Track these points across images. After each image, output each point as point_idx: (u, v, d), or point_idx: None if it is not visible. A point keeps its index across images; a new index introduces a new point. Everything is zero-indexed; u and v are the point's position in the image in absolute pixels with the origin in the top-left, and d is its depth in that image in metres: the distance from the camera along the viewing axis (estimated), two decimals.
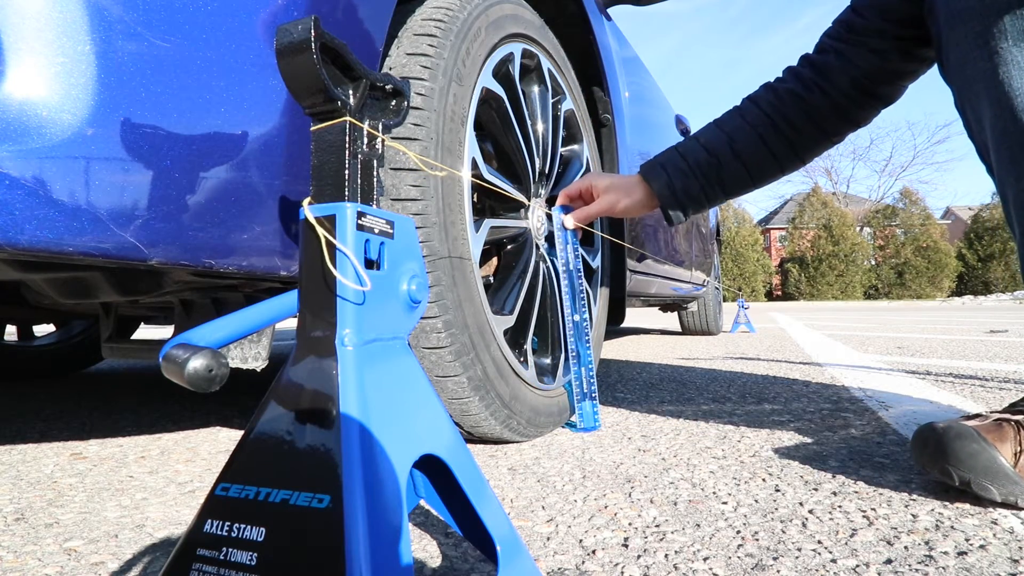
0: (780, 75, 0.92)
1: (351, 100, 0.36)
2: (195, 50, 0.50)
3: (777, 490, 0.72)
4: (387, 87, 0.39)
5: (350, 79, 0.36)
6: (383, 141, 0.38)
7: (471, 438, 0.94)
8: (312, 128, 0.36)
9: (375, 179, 0.37)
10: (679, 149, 0.94)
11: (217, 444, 1.01)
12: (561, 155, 1.21)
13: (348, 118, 0.35)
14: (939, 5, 0.71)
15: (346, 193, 0.35)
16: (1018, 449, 0.63)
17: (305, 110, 0.36)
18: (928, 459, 0.67)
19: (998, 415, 0.68)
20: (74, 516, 0.67)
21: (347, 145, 0.35)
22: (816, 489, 0.72)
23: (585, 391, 1.05)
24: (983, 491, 0.62)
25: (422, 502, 0.46)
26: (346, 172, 0.35)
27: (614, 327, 1.19)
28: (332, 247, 0.33)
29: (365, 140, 0.37)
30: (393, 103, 0.40)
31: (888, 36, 0.82)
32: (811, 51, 0.90)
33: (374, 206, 0.37)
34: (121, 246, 0.47)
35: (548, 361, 1.11)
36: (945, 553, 0.53)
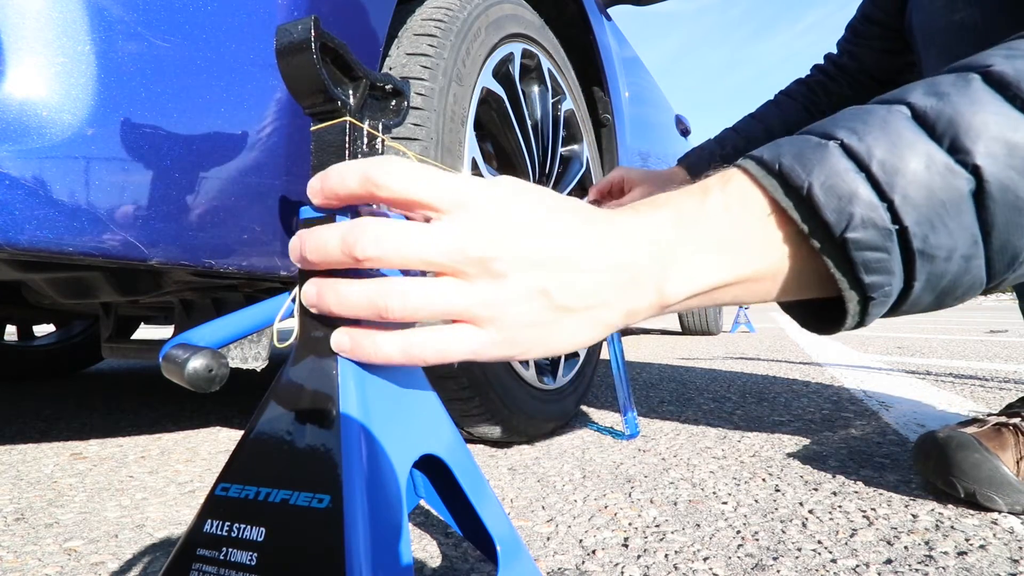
0: (809, 71, 0.99)
1: (351, 100, 0.36)
2: (195, 50, 0.50)
3: (777, 490, 0.72)
4: (387, 87, 0.39)
5: (350, 79, 0.36)
6: (383, 141, 0.38)
7: (471, 438, 0.94)
8: (312, 128, 0.36)
9: None
10: (716, 139, 0.97)
11: (217, 444, 1.01)
12: (561, 155, 1.21)
13: (348, 118, 0.35)
14: (915, 25, 0.76)
15: None
16: (1019, 456, 0.63)
17: (305, 110, 0.36)
18: (932, 471, 0.67)
19: (996, 419, 0.68)
20: (74, 516, 0.67)
21: (347, 145, 0.35)
22: (816, 489, 0.72)
23: (627, 396, 1.02)
24: (988, 502, 0.63)
25: (422, 502, 0.46)
26: None
27: None
28: None
29: (365, 140, 0.37)
30: (393, 103, 0.40)
31: (889, 39, 0.88)
32: (833, 51, 0.98)
33: (374, 206, 0.37)
34: (121, 246, 0.47)
35: (548, 361, 1.11)
36: (945, 553, 0.53)
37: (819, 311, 0.36)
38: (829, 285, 0.31)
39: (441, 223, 0.29)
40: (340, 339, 0.31)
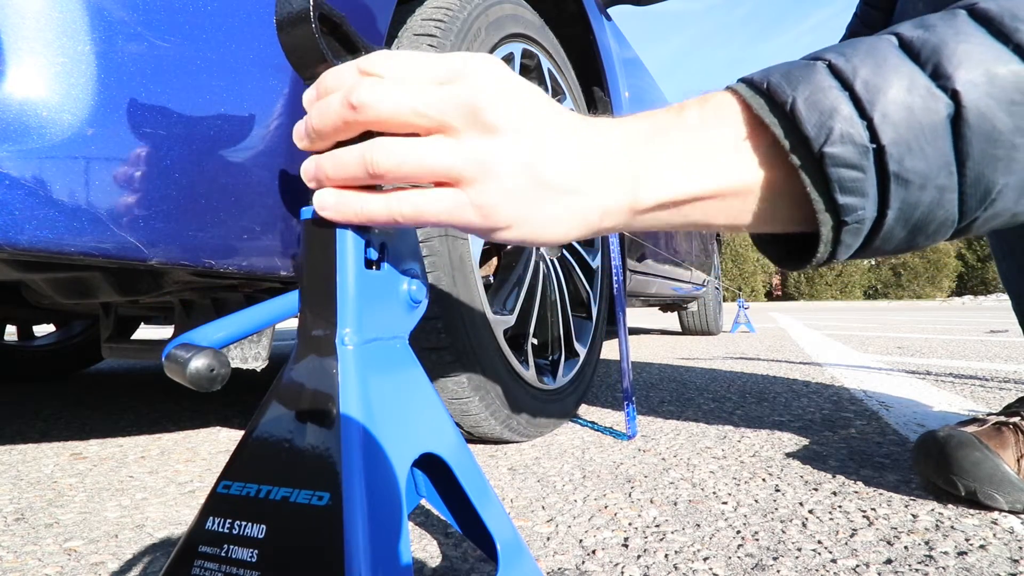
0: None
1: None
2: (195, 50, 0.50)
3: (777, 490, 0.72)
4: None
5: (349, 51, 0.36)
6: None
7: (471, 438, 0.94)
8: None
9: None
10: None
11: (217, 444, 1.01)
12: None
13: None
14: None
15: None
16: (1020, 454, 0.63)
17: (305, 81, 0.36)
18: (932, 470, 0.67)
19: (996, 418, 0.68)
20: (74, 516, 0.67)
21: None
22: (816, 489, 0.72)
23: (630, 395, 1.03)
24: (989, 500, 0.63)
25: (423, 501, 0.46)
26: None
27: (613, 327, 1.20)
28: (332, 246, 0.33)
29: None
30: None
31: None
32: None
33: None
34: (121, 246, 0.47)
35: (548, 361, 1.11)
36: (945, 553, 0.53)
37: (792, 248, 0.36)
38: (804, 209, 0.32)
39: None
40: (324, 197, 0.32)
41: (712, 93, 0.33)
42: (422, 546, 0.56)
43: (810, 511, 0.64)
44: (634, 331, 4.63)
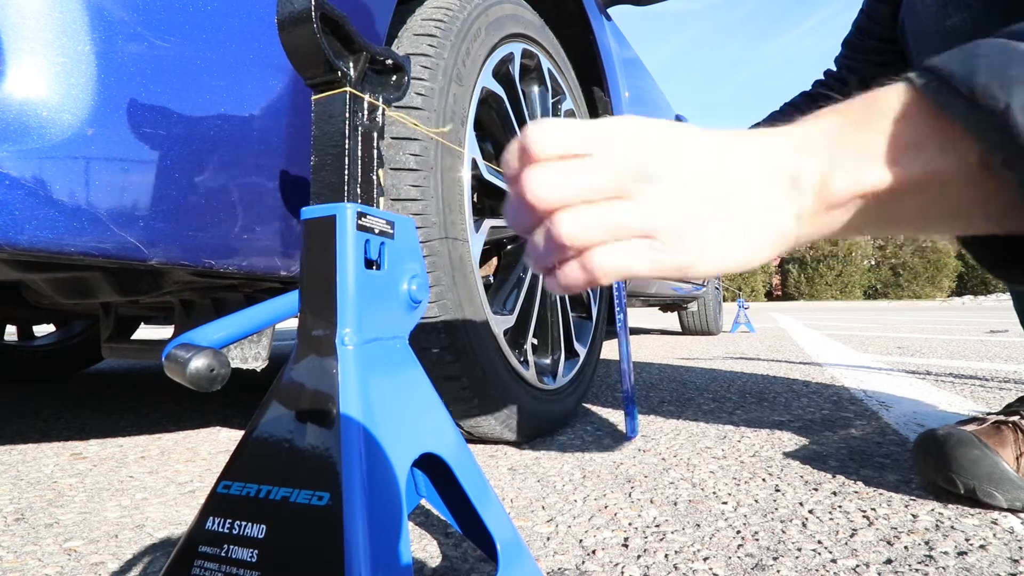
0: (811, 87, 1.01)
1: (352, 71, 0.36)
2: (195, 50, 0.50)
3: (777, 490, 0.72)
4: (387, 61, 0.39)
5: (350, 51, 0.36)
6: (384, 112, 0.39)
7: (471, 438, 0.94)
8: (313, 98, 0.36)
9: (376, 151, 0.37)
10: None
11: (217, 444, 1.01)
12: None
13: (349, 89, 0.35)
14: (908, 31, 0.76)
15: (347, 163, 0.35)
16: (1019, 452, 0.64)
17: (306, 81, 0.36)
18: (931, 468, 0.67)
19: (995, 417, 0.68)
20: (74, 516, 0.67)
21: (347, 116, 0.35)
22: (816, 489, 0.72)
23: (631, 394, 1.03)
24: (988, 498, 0.63)
25: (423, 501, 0.46)
26: (347, 143, 0.35)
27: (613, 327, 1.21)
28: (333, 247, 0.33)
29: (366, 111, 0.37)
30: (394, 77, 0.40)
31: (886, 51, 0.89)
32: (832, 67, 1.00)
33: (375, 178, 0.37)
34: (121, 246, 0.47)
35: (548, 361, 1.11)
36: (945, 553, 0.53)
37: (1008, 248, 0.31)
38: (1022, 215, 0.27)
39: (595, 157, 0.30)
40: (557, 277, 0.32)
41: (896, 90, 0.29)
42: (422, 546, 0.56)
43: (810, 511, 0.64)
44: (634, 331, 4.63)
